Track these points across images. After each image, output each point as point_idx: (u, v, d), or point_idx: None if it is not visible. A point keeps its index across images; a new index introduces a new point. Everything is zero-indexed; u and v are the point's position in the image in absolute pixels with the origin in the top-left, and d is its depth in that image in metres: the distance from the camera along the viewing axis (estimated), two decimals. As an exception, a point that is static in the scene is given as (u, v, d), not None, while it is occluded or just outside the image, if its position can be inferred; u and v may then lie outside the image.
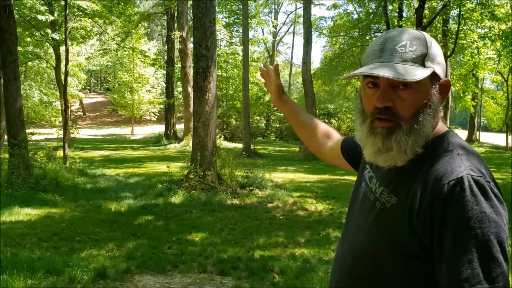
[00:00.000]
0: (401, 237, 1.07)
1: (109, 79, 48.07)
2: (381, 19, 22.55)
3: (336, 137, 1.70)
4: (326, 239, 6.28)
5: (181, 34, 22.81)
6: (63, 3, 14.73)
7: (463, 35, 18.68)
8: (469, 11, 17.27)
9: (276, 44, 46.00)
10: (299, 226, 7.10)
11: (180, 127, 30.06)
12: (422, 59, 1.09)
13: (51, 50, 24.64)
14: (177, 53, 27.10)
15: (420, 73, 1.06)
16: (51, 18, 17.79)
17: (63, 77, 16.16)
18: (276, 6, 44.43)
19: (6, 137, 11.36)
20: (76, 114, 44.99)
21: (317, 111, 20.12)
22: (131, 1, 22.15)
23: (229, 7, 31.46)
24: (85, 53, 34.78)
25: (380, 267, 1.13)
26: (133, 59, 33.76)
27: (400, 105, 1.11)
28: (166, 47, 30.63)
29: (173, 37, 25.35)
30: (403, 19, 19.40)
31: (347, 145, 1.55)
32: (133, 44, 27.74)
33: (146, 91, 37.16)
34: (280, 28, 46.82)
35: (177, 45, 26.39)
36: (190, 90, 21.40)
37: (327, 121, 31.86)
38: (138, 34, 29.68)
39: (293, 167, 15.32)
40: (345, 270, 1.23)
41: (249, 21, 23.45)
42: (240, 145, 21.49)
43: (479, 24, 18.15)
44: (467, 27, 18.73)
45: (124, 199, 8.88)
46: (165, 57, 32.72)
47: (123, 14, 20.76)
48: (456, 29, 18.37)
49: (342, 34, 29.66)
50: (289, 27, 47.68)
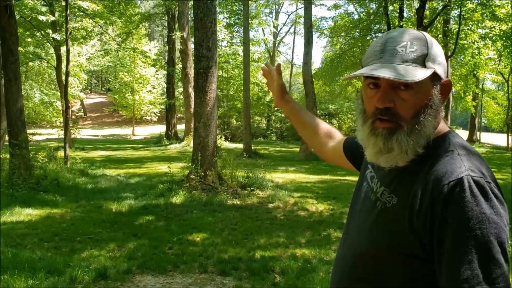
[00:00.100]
0: (402, 237, 1.07)
1: (110, 80, 48.08)
2: (382, 20, 22.55)
3: (338, 137, 1.70)
4: (327, 240, 6.28)
5: (182, 34, 22.82)
6: (64, 3, 14.74)
7: (463, 35, 18.66)
8: (469, 12, 17.25)
9: (276, 45, 46.04)
10: (300, 226, 7.10)
11: (181, 127, 30.08)
12: (422, 60, 1.09)
13: (52, 51, 24.61)
14: (178, 54, 27.11)
15: (420, 74, 1.06)
16: (52, 18, 17.78)
17: (64, 77, 16.19)
18: (276, 6, 44.49)
19: (7, 137, 11.35)
20: (77, 115, 45.00)
21: (318, 111, 20.12)
22: (132, 1, 22.16)
23: (229, 7, 31.49)
24: (86, 53, 34.74)
25: (380, 267, 1.13)
26: (134, 60, 33.76)
27: (401, 105, 1.11)
28: (167, 47, 30.64)
29: (174, 37, 25.39)
30: (403, 19, 19.39)
31: (349, 145, 1.56)
32: (134, 45, 27.72)
33: (147, 91, 37.15)
34: (281, 29, 46.91)
35: (178, 46, 26.41)
36: (191, 90, 21.42)
37: (328, 121, 31.83)
38: (139, 34, 29.69)
39: (293, 167, 15.32)
40: (345, 270, 1.24)
41: (249, 22, 23.46)
42: (240, 146, 21.50)
43: (479, 24, 18.14)
44: (467, 27, 18.70)
45: (125, 199, 8.88)
46: (166, 58, 32.74)
47: (124, 14, 20.75)
48: (457, 29, 18.34)
49: (342, 34, 29.67)
50: (290, 28, 47.79)
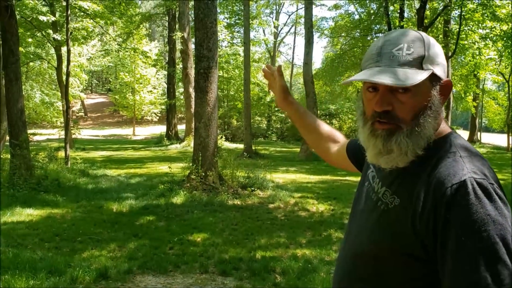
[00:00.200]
0: (403, 238, 1.07)
1: (111, 80, 48.12)
2: (383, 20, 22.54)
3: (342, 140, 1.70)
4: (327, 240, 6.28)
5: (182, 34, 22.84)
6: (64, 3, 14.76)
7: (464, 35, 18.67)
8: (470, 12, 17.26)
9: (277, 45, 46.06)
10: (300, 226, 7.10)
11: (181, 127, 30.07)
12: (420, 62, 1.09)
13: (52, 51, 24.64)
14: (178, 54, 27.13)
15: (416, 77, 1.06)
16: (53, 18, 17.81)
17: (64, 77, 16.21)
18: (277, 6, 44.51)
19: (7, 137, 11.36)
20: (77, 115, 45.00)
21: (318, 111, 20.11)
22: (132, 1, 22.17)
23: (230, 7, 31.52)
24: (86, 53, 34.78)
25: (381, 267, 1.13)
26: (134, 60, 33.78)
27: (399, 108, 1.11)
28: (168, 47, 30.67)
29: (174, 37, 25.42)
30: (404, 19, 19.40)
31: (352, 147, 1.56)
32: (135, 45, 27.74)
33: (148, 91, 37.18)
34: (281, 29, 46.94)
35: (178, 46, 26.44)
36: (192, 90, 21.43)
37: (328, 121, 31.85)
38: (139, 34, 29.71)
39: (294, 167, 15.32)
40: (346, 270, 1.24)
41: (250, 22, 23.45)
42: (241, 146, 21.50)
43: (480, 24, 18.15)
44: (468, 27, 18.71)
45: (125, 199, 8.88)
46: (167, 58, 32.77)
47: (125, 14, 20.77)
48: (457, 29, 18.35)
49: (343, 34, 29.64)
50: (290, 28, 47.89)
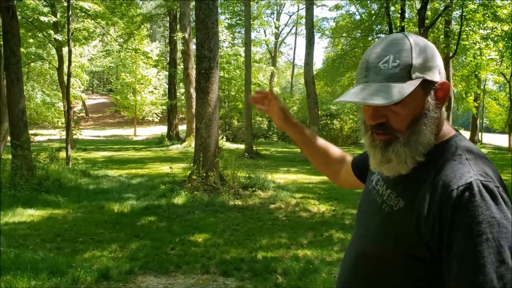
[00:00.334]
0: (407, 239, 1.07)
1: (112, 80, 48.09)
2: (384, 20, 22.53)
3: (348, 158, 1.66)
4: (329, 241, 6.28)
5: (183, 35, 22.84)
6: (65, 4, 14.78)
7: (465, 36, 18.67)
8: (471, 12, 17.27)
9: (278, 45, 46.06)
10: (301, 227, 7.10)
11: (182, 128, 30.06)
12: (408, 71, 1.07)
13: (53, 51, 24.70)
14: (179, 54, 27.16)
15: (403, 90, 1.05)
16: (54, 19, 17.82)
17: (65, 78, 16.22)
18: (278, 7, 44.53)
19: (9, 138, 11.37)
20: (78, 115, 45.03)
21: (319, 112, 20.11)
22: (133, 2, 22.18)
23: (231, 8, 31.53)
24: (87, 54, 34.81)
25: (383, 268, 1.13)
26: (135, 60, 33.78)
27: (393, 118, 1.11)
28: (169, 48, 30.72)
29: (175, 38, 25.44)
30: (405, 20, 19.39)
31: (356, 162, 1.54)
32: (136, 45, 27.74)
33: (149, 92, 37.20)
34: (282, 29, 46.93)
35: (179, 47, 26.47)
36: (193, 91, 21.42)
37: (329, 122, 31.82)
38: (140, 35, 29.69)
39: (295, 168, 15.31)
40: (350, 271, 1.24)
41: (251, 22, 23.45)
42: (242, 146, 21.50)
43: (481, 25, 18.15)
44: (469, 28, 18.71)
45: (127, 200, 8.89)
46: (168, 58, 32.81)
47: (126, 15, 20.79)
48: (458, 30, 18.35)
49: (344, 35, 29.65)
50: (291, 28, 47.92)
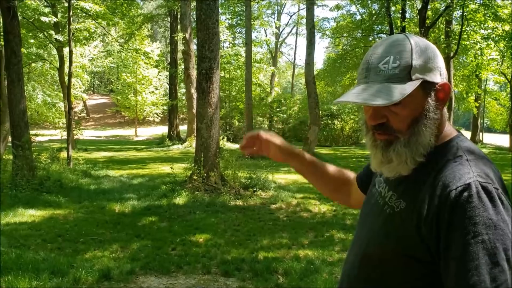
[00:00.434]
0: (408, 240, 1.08)
1: (113, 81, 48.09)
2: (384, 20, 22.52)
3: (352, 177, 1.62)
4: (330, 241, 6.28)
5: (184, 35, 22.84)
6: (66, 4, 14.79)
7: (466, 36, 18.66)
8: (472, 12, 17.27)
9: (279, 45, 46.02)
10: (302, 227, 7.09)
11: (183, 128, 30.08)
12: (408, 72, 1.08)
13: (54, 52, 24.69)
14: (180, 55, 27.15)
15: (403, 91, 1.05)
16: (55, 19, 17.80)
17: (66, 78, 16.22)
18: (279, 7, 44.44)
19: (10, 138, 11.38)
20: (79, 116, 45.03)
21: (320, 112, 20.11)
22: (134, 2, 22.19)
23: (232, 8, 31.53)
24: (88, 54, 34.81)
25: (384, 268, 1.14)
26: (136, 61, 33.78)
27: (394, 119, 1.11)
28: (170, 48, 30.72)
29: (176, 38, 25.43)
30: (406, 20, 19.39)
31: (361, 177, 1.52)
32: (137, 46, 27.72)
33: (150, 92, 37.22)
34: (283, 29, 46.83)
35: (180, 47, 26.46)
36: (193, 91, 21.42)
37: (330, 122, 31.81)
38: (141, 35, 29.70)
39: (296, 168, 15.27)
40: (351, 272, 1.25)
41: (252, 23, 23.48)
42: (243, 146, 21.46)
43: (482, 25, 18.14)
44: (470, 28, 18.71)
45: (128, 200, 8.90)
46: (169, 59, 32.81)
47: (127, 15, 20.80)
48: (459, 30, 18.34)
49: (345, 35, 29.63)
50: (292, 28, 47.72)
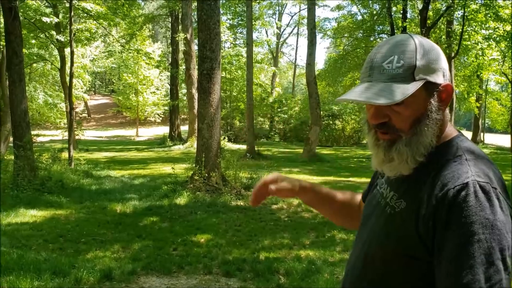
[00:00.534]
0: (408, 240, 1.08)
1: (114, 81, 48.15)
2: (385, 21, 22.51)
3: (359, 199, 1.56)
4: (331, 241, 6.28)
5: (185, 36, 22.85)
6: (67, 5, 14.80)
7: (467, 36, 18.65)
8: (473, 12, 17.26)
9: (280, 46, 46.05)
10: (304, 227, 7.09)
11: (184, 128, 30.09)
12: (411, 72, 1.08)
13: (56, 52, 24.69)
14: (181, 55, 27.17)
15: (406, 91, 1.06)
16: (56, 20, 17.79)
17: (68, 78, 16.23)
18: (280, 7, 44.52)
19: (11, 138, 11.39)
20: (81, 116, 45.09)
21: (321, 112, 20.11)
22: (135, 3, 22.21)
23: (233, 8, 31.53)
24: (89, 55, 34.85)
25: (386, 269, 1.14)
26: (137, 61, 33.83)
27: (396, 118, 1.12)
28: (171, 49, 30.72)
29: (177, 39, 25.44)
30: (407, 20, 19.39)
31: (365, 196, 1.48)
32: (138, 46, 27.75)
33: (151, 92, 37.25)
34: (284, 30, 46.89)
35: (181, 47, 26.47)
36: (195, 91, 21.45)
37: (331, 122, 31.79)
38: (142, 36, 29.72)
39: (297, 168, 15.30)
40: (354, 273, 1.25)
41: (253, 23, 23.48)
42: (244, 147, 21.50)
43: (483, 25, 18.12)
44: (471, 28, 18.70)
45: (129, 200, 8.90)
46: (170, 59, 32.81)
47: (128, 16, 20.79)
48: (460, 30, 18.33)
49: (346, 35, 29.65)
50: (293, 29, 47.78)
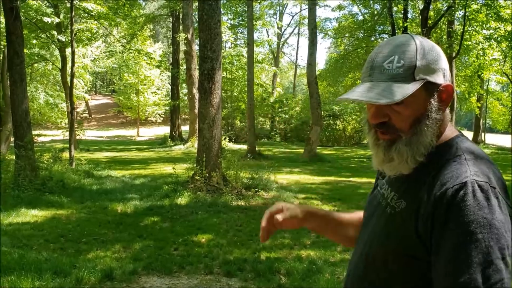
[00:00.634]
0: (408, 240, 1.08)
1: (115, 81, 48.19)
2: (386, 21, 22.53)
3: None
4: (332, 241, 6.26)
5: (186, 36, 22.86)
6: (68, 5, 14.80)
7: (468, 36, 18.65)
8: (474, 12, 17.26)
9: (280, 46, 46.05)
10: (305, 227, 7.07)
11: (185, 128, 30.09)
12: (411, 72, 1.09)
13: (57, 52, 24.74)
14: (182, 55, 27.18)
15: (405, 91, 1.07)
16: (57, 20, 17.85)
17: (69, 79, 16.24)
18: (280, 7, 44.51)
19: (12, 138, 11.40)
20: (81, 116, 45.11)
21: (322, 112, 20.10)
22: (136, 3, 22.23)
23: (234, 8, 31.56)
24: (90, 55, 34.91)
25: (386, 269, 1.14)
26: (138, 61, 33.87)
27: (396, 118, 1.12)
28: (172, 49, 30.72)
29: (178, 39, 25.45)
30: (408, 20, 19.39)
31: None
32: (139, 46, 27.79)
33: (152, 92, 37.30)
34: (285, 30, 46.90)
35: (182, 47, 26.47)
36: (195, 91, 21.46)
37: (332, 122, 31.77)
38: (143, 36, 29.77)
39: (298, 168, 15.30)
40: (355, 273, 1.25)
41: (254, 23, 23.47)
42: (244, 147, 21.50)
43: (484, 25, 18.11)
44: (472, 28, 18.69)
45: (130, 200, 8.90)
46: (171, 59, 32.84)
47: (129, 16, 20.82)
48: (461, 30, 18.33)
49: (347, 35, 29.67)
50: (294, 29, 47.78)
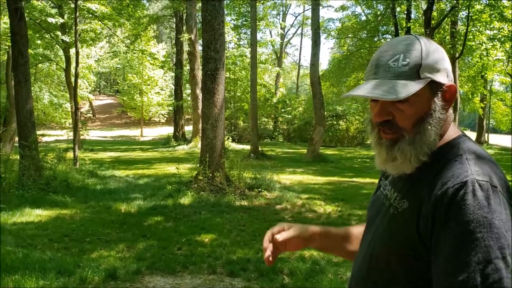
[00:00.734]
0: (410, 240, 1.09)
1: (119, 81, 48.21)
2: (390, 21, 22.50)
3: None
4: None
5: (189, 36, 22.90)
6: (73, 6, 14.86)
7: (471, 36, 18.59)
8: (477, 13, 17.21)
9: (284, 46, 46.04)
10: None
11: (188, 128, 30.12)
12: (417, 71, 1.10)
13: (61, 52, 24.83)
14: (185, 56, 27.23)
15: (410, 88, 1.08)
16: (61, 20, 17.90)
17: (73, 79, 16.30)
18: (284, 8, 44.51)
19: (16, 138, 11.45)
20: (85, 116, 45.17)
21: (325, 112, 20.09)
22: (140, 3, 22.27)
23: (237, 9, 31.61)
24: (94, 55, 34.97)
25: (389, 269, 1.15)
26: (142, 61, 33.91)
27: (400, 116, 1.13)
28: (175, 49, 30.84)
29: (182, 39, 25.51)
30: (411, 20, 19.37)
31: None
32: (142, 47, 27.81)
33: (155, 93, 37.37)
34: (288, 30, 46.91)
35: (185, 48, 26.57)
36: (199, 92, 21.48)
37: (335, 122, 31.75)
38: (147, 36, 29.80)
39: (301, 168, 15.30)
40: (359, 273, 1.26)
41: (257, 23, 23.48)
42: (248, 147, 21.52)
43: (488, 25, 18.06)
44: (475, 28, 18.64)
45: (134, 200, 8.93)
46: (174, 60, 32.89)
47: (132, 16, 20.88)
48: (465, 30, 18.29)
49: (350, 35, 29.63)
50: (297, 29, 47.85)
